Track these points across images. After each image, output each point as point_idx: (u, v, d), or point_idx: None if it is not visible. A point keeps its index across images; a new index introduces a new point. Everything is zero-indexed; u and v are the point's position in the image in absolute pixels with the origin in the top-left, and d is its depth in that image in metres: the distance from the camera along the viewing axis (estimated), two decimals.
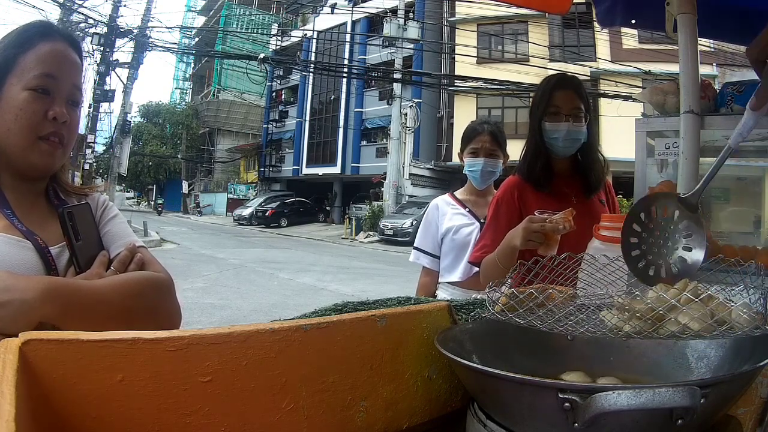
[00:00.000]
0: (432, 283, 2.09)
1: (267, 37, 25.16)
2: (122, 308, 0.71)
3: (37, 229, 0.78)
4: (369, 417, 0.63)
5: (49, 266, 0.76)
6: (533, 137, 1.54)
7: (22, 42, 0.78)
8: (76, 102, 0.83)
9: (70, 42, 0.82)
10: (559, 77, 1.55)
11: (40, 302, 0.63)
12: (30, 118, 0.76)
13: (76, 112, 0.83)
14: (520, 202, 1.52)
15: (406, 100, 18.63)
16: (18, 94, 0.76)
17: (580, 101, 1.50)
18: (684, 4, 1.24)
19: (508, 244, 1.34)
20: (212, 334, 0.52)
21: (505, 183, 1.61)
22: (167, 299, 0.81)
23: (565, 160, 1.55)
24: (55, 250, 0.78)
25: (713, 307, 0.58)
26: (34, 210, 0.82)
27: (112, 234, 0.86)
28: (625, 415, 0.46)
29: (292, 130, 26.75)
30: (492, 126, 2.06)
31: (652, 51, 13.61)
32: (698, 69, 1.27)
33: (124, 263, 0.79)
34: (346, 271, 10.35)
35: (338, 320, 0.62)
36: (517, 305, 0.66)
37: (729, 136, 1.24)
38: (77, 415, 0.45)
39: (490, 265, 1.44)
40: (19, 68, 0.77)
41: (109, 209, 0.90)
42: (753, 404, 0.67)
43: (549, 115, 1.49)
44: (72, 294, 0.67)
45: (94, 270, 0.76)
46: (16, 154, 0.78)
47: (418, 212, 14.48)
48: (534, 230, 1.24)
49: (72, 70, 0.82)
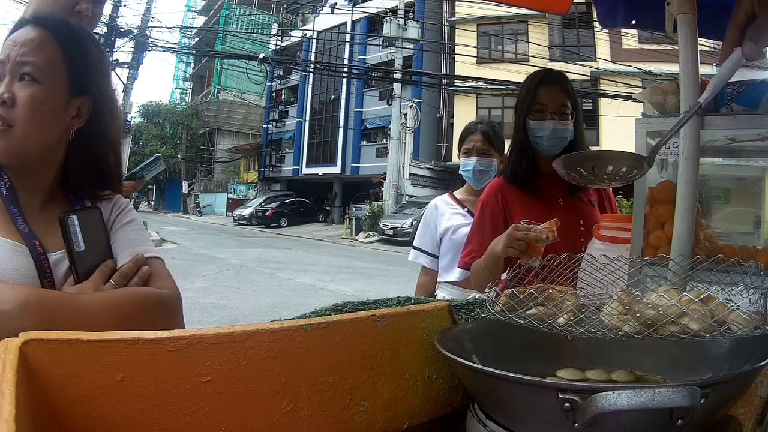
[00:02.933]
0: (431, 282, 2.10)
1: (267, 37, 25.17)
2: (109, 328, 0.66)
3: (42, 232, 0.73)
4: (369, 417, 0.63)
5: (44, 274, 0.71)
6: (518, 136, 1.49)
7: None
8: (30, 76, 0.72)
9: (40, 23, 0.74)
10: (544, 73, 1.50)
11: (17, 314, 0.59)
12: None
13: (29, 87, 0.72)
14: (504, 205, 1.49)
15: (406, 100, 18.64)
16: None
17: (567, 98, 1.45)
18: (684, 4, 1.24)
19: (491, 251, 1.32)
20: (212, 334, 0.52)
21: (489, 185, 1.58)
22: (166, 320, 0.73)
23: (550, 159, 1.52)
24: (55, 256, 0.73)
25: (713, 307, 0.58)
26: (45, 209, 0.76)
27: (122, 241, 0.79)
28: (625, 415, 0.46)
29: (292, 130, 26.75)
30: (485, 126, 2.06)
31: (652, 51, 13.61)
32: (698, 69, 1.27)
33: (126, 276, 0.73)
34: (346, 271, 10.35)
35: (338, 320, 0.62)
36: (517, 305, 0.66)
37: (729, 137, 1.24)
38: (77, 415, 0.45)
39: (478, 272, 1.42)
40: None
41: (124, 213, 0.83)
42: (753, 404, 0.67)
43: (533, 113, 1.44)
44: (54, 309, 0.63)
45: (91, 282, 0.71)
46: None
47: (418, 212, 14.48)
48: (517, 238, 1.22)
49: (25, 46, 0.72)
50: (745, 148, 1.38)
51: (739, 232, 1.70)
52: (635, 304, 0.62)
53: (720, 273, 0.71)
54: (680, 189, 1.20)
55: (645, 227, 1.16)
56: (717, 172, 1.56)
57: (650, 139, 1.47)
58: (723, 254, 0.73)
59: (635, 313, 0.61)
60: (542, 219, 1.29)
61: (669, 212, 1.10)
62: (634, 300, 0.64)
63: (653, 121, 1.48)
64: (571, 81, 1.53)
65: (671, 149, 1.34)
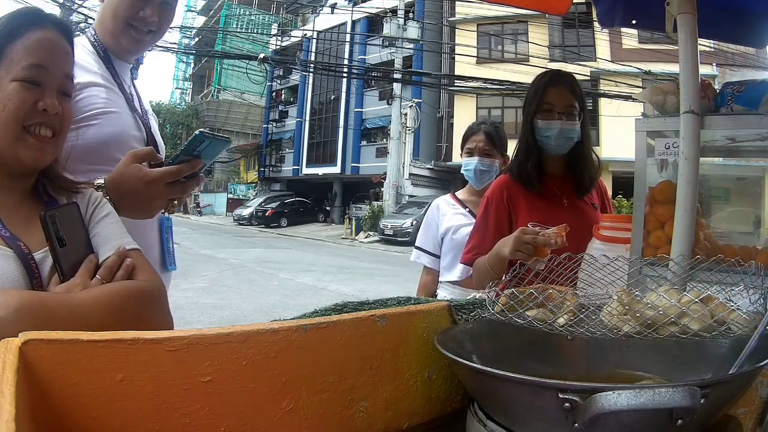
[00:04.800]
0: (433, 282, 2.10)
1: (267, 37, 25.17)
2: (103, 325, 0.65)
3: (22, 233, 0.73)
4: (369, 417, 0.63)
5: (32, 275, 0.71)
6: (525, 135, 1.50)
7: (10, 31, 0.74)
8: (67, 93, 0.80)
9: (61, 29, 0.79)
10: (553, 73, 1.51)
11: (12, 320, 0.59)
12: (18, 109, 0.73)
13: (68, 102, 0.80)
14: (509, 202, 1.49)
15: (406, 100, 18.64)
16: (6, 85, 0.73)
17: (574, 99, 1.46)
18: (684, 4, 1.24)
19: (498, 253, 1.32)
20: (212, 334, 0.52)
21: (495, 182, 1.59)
22: (153, 311, 0.75)
23: (557, 159, 1.52)
24: (39, 255, 0.73)
25: (713, 307, 0.58)
26: (20, 210, 0.77)
27: (102, 235, 0.80)
28: (625, 415, 0.46)
29: (292, 130, 26.75)
30: (488, 126, 2.06)
31: (652, 51, 13.61)
32: (698, 69, 1.27)
33: (112, 270, 0.74)
34: (346, 271, 10.35)
35: (338, 320, 0.62)
36: (517, 305, 0.66)
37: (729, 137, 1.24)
38: (77, 415, 0.45)
39: (481, 270, 1.42)
40: (7, 59, 0.73)
41: (100, 207, 0.84)
42: (753, 404, 0.67)
43: (541, 113, 1.45)
44: (48, 312, 0.63)
45: (78, 279, 0.71)
46: (2, 149, 0.74)
47: (418, 212, 14.49)
48: (525, 241, 1.22)
49: (63, 59, 0.78)
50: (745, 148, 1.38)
51: (739, 232, 1.70)
52: (635, 304, 0.62)
53: (720, 273, 0.71)
54: (680, 189, 1.20)
55: (645, 227, 1.16)
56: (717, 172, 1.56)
57: (650, 139, 1.47)
58: (723, 254, 0.73)
59: (635, 313, 0.61)
60: (546, 218, 1.29)
61: (669, 212, 1.10)
62: (634, 300, 0.64)
63: (653, 121, 1.48)
64: (578, 82, 1.54)
65: (671, 149, 1.34)
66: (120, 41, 1.13)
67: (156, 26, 1.13)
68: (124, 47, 1.14)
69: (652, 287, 0.74)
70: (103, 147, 1.03)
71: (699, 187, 1.11)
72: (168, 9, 1.15)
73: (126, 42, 1.13)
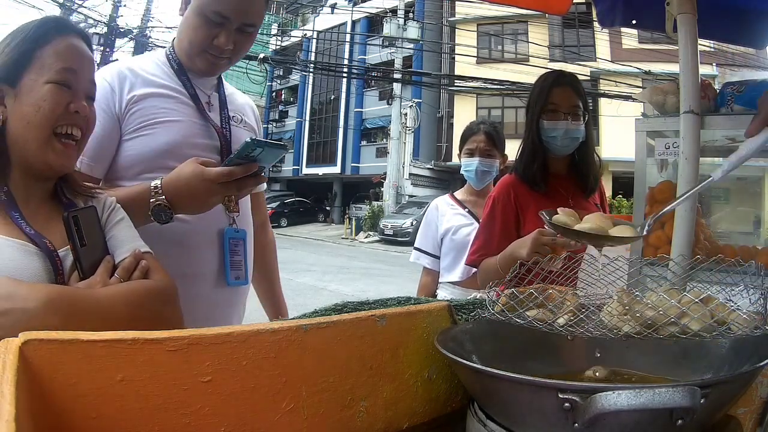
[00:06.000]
0: (433, 283, 2.10)
1: (267, 37, 25.14)
2: (125, 319, 0.70)
3: (44, 231, 0.77)
4: (369, 417, 0.63)
5: (57, 271, 0.74)
6: (530, 135, 1.50)
7: (38, 37, 0.77)
8: (92, 97, 0.84)
9: (83, 37, 0.83)
10: (557, 74, 1.52)
11: (42, 312, 0.62)
12: (53, 110, 0.76)
13: (92, 106, 0.84)
14: (517, 203, 1.50)
15: (406, 100, 18.65)
16: (41, 87, 0.76)
17: (579, 99, 1.47)
18: (684, 4, 1.24)
19: (513, 254, 1.31)
20: (212, 334, 0.52)
21: (501, 182, 1.59)
22: (169, 308, 0.79)
23: (561, 159, 1.53)
24: (62, 253, 0.77)
25: (713, 307, 0.58)
26: (42, 210, 0.81)
27: (118, 238, 0.84)
28: (625, 415, 0.46)
29: (292, 130, 26.74)
30: (488, 126, 2.06)
31: (652, 51, 13.61)
32: (698, 69, 1.27)
33: (129, 270, 0.78)
34: (346, 271, 10.35)
35: (338, 320, 0.62)
36: (517, 305, 0.66)
37: (729, 137, 1.24)
38: (77, 415, 0.45)
39: (491, 271, 1.41)
40: (38, 63, 0.76)
41: (115, 212, 0.89)
42: (753, 404, 0.67)
43: (547, 113, 1.46)
44: (75, 304, 0.66)
45: (98, 277, 0.75)
46: (32, 151, 0.77)
47: (418, 212, 14.48)
48: (543, 243, 1.22)
49: (88, 65, 0.82)
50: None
51: (739, 232, 1.70)
52: (635, 305, 0.62)
53: (720, 273, 0.71)
54: (680, 189, 1.20)
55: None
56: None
57: (650, 139, 1.47)
58: (723, 254, 0.73)
59: (635, 313, 0.61)
60: None
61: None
62: (634, 300, 0.64)
63: (653, 121, 1.48)
64: (581, 83, 1.54)
65: (671, 149, 1.34)
66: (195, 63, 1.13)
67: (230, 53, 1.12)
68: (200, 68, 1.14)
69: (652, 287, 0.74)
70: (156, 156, 1.06)
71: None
72: (245, 35, 1.12)
73: (201, 64, 1.13)
